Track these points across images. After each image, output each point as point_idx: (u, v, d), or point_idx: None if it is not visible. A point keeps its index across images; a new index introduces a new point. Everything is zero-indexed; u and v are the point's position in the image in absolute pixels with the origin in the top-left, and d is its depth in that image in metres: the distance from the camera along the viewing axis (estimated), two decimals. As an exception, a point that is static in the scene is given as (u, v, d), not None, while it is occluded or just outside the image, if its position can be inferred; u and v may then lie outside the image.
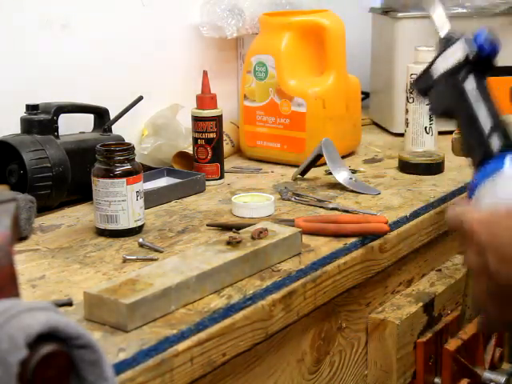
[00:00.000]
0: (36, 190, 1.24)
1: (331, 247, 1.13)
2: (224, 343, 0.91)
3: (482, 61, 0.93)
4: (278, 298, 1.00)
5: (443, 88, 0.96)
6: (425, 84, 0.99)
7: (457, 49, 0.94)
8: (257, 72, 1.59)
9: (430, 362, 1.26)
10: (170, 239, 1.16)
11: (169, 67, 1.66)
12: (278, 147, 1.59)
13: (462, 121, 0.95)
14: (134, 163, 1.18)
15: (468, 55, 0.93)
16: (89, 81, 1.48)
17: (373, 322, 1.22)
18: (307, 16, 1.60)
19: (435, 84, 0.97)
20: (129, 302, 0.86)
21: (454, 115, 0.96)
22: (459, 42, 0.95)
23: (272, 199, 1.28)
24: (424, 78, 0.99)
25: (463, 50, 0.94)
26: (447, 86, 0.95)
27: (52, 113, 1.31)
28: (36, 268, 1.06)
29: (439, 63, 0.96)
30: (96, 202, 1.17)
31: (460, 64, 0.94)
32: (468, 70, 0.93)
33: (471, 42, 0.94)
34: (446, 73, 0.95)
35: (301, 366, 1.11)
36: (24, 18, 1.38)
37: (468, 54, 0.93)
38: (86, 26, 1.48)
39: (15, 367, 0.63)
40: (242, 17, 1.67)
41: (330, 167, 1.42)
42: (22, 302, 0.68)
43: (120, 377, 0.79)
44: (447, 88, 0.95)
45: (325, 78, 1.57)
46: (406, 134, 1.67)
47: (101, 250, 1.12)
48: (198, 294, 0.94)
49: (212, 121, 1.45)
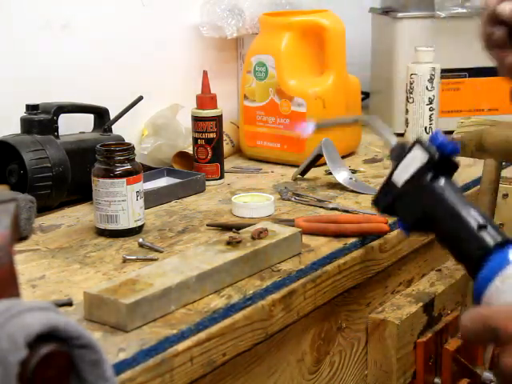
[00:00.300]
0: (36, 190, 1.24)
1: (331, 247, 1.13)
2: (224, 343, 0.91)
3: (446, 160, 0.90)
4: (278, 297, 1.00)
5: (412, 195, 0.90)
6: (389, 199, 0.93)
7: (415, 154, 0.91)
8: (257, 72, 1.59)
9: (430, 362, 1.26)
10: (170, 239, 1.16)
11: (169, 67, 1.66)
12: (278, 147, 1.59)
13: (445, 224, 0.88)
14: (134, 163, 1.18)
15: (431, 156, 0.89)
16: (89, 81, 1.48)
17: (373, 322, 1.22)
18: (307, 16, 1.60)
19: (401, 195, 0.91)
20: (129, 302, 0.86)
21: (431, 223, 0.90)
22: (416, 148, 0.91)
23: (272, 199, 1.28)
24: (385, 192, 0.94)
25: (423, 153, 0.90)
26: (417, 192, 0.90)
27: (52, 113, 1.31)
28: (36, 268, 1.06)
29: (399, 173, 0.92)
30: (96, 202, 1.17)
31: (424, 167, 0.89)
32: (434, 171, 0.89)
33: (428, 144, 0.90)
34: (411, 179, 0.90)
35: (301, 365, 1.11)
36: (24, 18, 1.38)
37: (431, 155, 0.89)
38: (86, 26, 1.48)
39: (15, 367, 0.63)
40: (241, 17, 1.67)
41: (330, 167, 1.42)
42: (22, 302, 0.68)
43: (120, 377, 0.79)
44: (417, 194, 0.90)
45: (325, 78, 1.57)
46: (406, 134, 1.67)
47: (101, 250, 1.12)
48: (198, 294, 0.94)
49: (212, 121, 1.45)
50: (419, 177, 0.90)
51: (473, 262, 0.84)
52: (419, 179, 0.90)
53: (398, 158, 0.93)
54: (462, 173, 1.51)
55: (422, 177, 0.89)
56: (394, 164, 0.93)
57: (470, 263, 0.85)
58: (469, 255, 0.85)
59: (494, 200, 1.37)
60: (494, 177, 1.36)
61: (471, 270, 0.85)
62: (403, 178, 0.91)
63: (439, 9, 1.78)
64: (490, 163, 1.36)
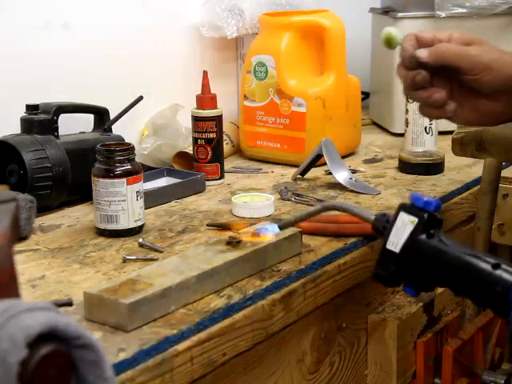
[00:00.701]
0: (36, 190, 1.24)
1: (331, 247, 1.13)
2: (224, 343, 0.91)
3: (433, 217, 0.92)
4: (278, 297, 0.99)
5: (414, 257, 0.92)
6: (390, 267, 0.94)
7: (403, 219, 0.93)
8: (257, 72, 1.59)
9: (430, 362, 1.26)
10: (170, 239, 1.16)
11: (169, 67, 1.67)
12: (278, 147, 1.59)
13: (457, 275, 0.90)
14: (134, 163, 1.18)
15: (421, 217, 0.92)
16: (89, 81, 1.48)
17: (373, 322, 1.22)
18: (307, 16, 1.60)
19: (402, 259, 0.93)
20: (129, 302, 0.86)
21: (440, 278, 0.92)
22: (402, 213, 0.93)
23: (272, 199, 1.28)
24: (384, 264, 0.94)
25: (410, 216, 0.93)
26: (418, 253, 0.92)
27: (52, 113, 1.31)
28: (36, 268, 1.06)
29: (393, 239, 0.93)
30: (96, 202, 1.17)
31: (416, 229, 0.92)
32: (427, 229, 0.92)
33: (412, 206, 0.93)
34: (407, 243, 0.92)
35: (301, 366, 1.11)
36: (24, 18, 1.38)
37: (420, 216, 0.92)
38: (86, 26, 1.48)
39: (15, 367, 0.63)
40: (241, 17, 1.67)
41: (330, 167, 1.42)
42: (22, 302, 0.68)
43: (120, 377, 0.79)
44: (419, 255, 0.92)
45: (325, 78, 1.57)
46: (406, 134, 1.67)
47: (101, 250, 1.12)
48: (198, 294, 0.94)
49: (212, 121, 1.45)
50: (415, 238, 0.92)
51: (497, 302, 0.86)
52: (415, 241, 0.92)
53: (385, 227, 0.96)
54: (462, 173, 1.51)
55: (418, 238, 0.92)
56: (385, 235, 0.95)
57: (495, 304, 0.87)
58: (491, 297, 0.87)
59: (493, 200, 1.37)
60: (493, 177, 1.36)
61: (498, 311, 0.87)
62: (400, 243, 0.93)
63: (439, 9, 1.78)
64: (490, 163, 1.36)
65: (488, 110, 1.05)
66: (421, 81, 1.03)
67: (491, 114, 1.06)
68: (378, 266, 0.96)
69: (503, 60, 1.02)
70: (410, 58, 1.03)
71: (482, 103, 1.05)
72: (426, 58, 1.02)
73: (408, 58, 1.03)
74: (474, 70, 1.02)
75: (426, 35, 1.05)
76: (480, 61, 1.01)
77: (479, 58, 1.02)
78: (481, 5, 1.78)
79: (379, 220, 0.98)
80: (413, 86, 1.04)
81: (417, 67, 1.03)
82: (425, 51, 1.02)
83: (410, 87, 1.05)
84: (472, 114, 1.07)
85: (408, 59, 1.03)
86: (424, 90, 1.04)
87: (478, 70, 1.01)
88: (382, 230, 0.96)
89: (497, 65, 1.01)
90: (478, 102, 1.05)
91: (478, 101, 1.05)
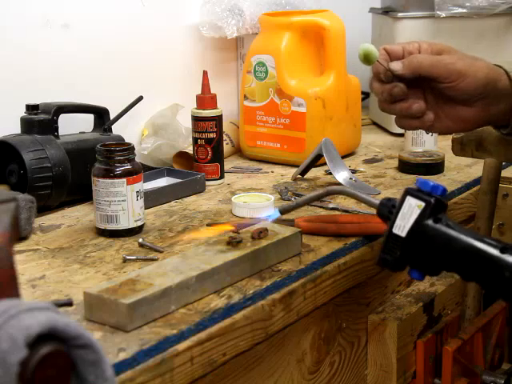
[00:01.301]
0: (36, 190, 1.24)
1: (331, 247, 1.13)
2: (224, 343, 0.91)
3: (439, 202, 0.92)
4: (278, 297, 1.00)
5: (421, 242, 0.92)
6: (396, 252, 0.94)
7: (410, 203, 0.93)
8: (257, 72, 1.59)
9: (430, 362, 1.26)
10: (170, 239, 1.16)
11: (169, 67, 1.66)
12: (278, 147, 1.59)
13: (464, 259, 0.90)
14: (134, 163, 1.18)
15: (428, 201, 0.92)
16: (89, 81, 1.48)
17: (373, 322, 1.22)
18: (307, 16, 1.60)
19: (408, 244, 0.93)
20: (129, 302, 0.86)
21: (446, 263, 0.92)
22: (408, 198, 0.93)
23: (272, 199, 1.28)
24: (390, 248, 0.94)
25: (418, 200, 0.92)
26: (424, 238, 0.92)
27: (52, 113, 1.31)
28: (36, 268, 1.06)
29: (400, 224, 0.93)
30: (96, 202, 1.17)
31: (423, 213, 0.92)
32: (434, 213, 0.92)
33: (418, 190, 0.93)
34: (414, 227, 0.92)
35: (301, 366, 1.11)
36: (24, 18, 1.38)
37: (427, 200, 0.92)
38: (86, 26, 1.48)
39: (15, 367, 0.63)
40: (241, 17, 1.67)
41: (330, 167, 1.42)
42: (22, 302, 0.68)
43: (120, 377, 0.79)
44: (425, 239, 0.92)
45: (325, 78, 1.57)
46: (406, 134, 1.67)
47: (101, 250, 1.12)
48: (198, 294, 0.94)
49: (212, 121, 1.45)
50: (421, 223, 0.92)
51: (505, 287, 0.86)
52: (422, 225, 0.92)
53: (391, 212, 0.95)
54: (462, 173, 1.51)
55: (425, 222, 0.92)
56: (391, 220, 0.94)
57: (503, 290, 0.87)
58: (498, 282, 0.87)
59: (493, 200, 1.37)
60: (493, 177, 1.36)
61: (506, 297, 0.88)
62: (406, 227, 0.93)
63: (439, 9, 1.78)
64: (490, 163, 1.36)
65: (464, 116, 1.06)
66: (398, 93, 1.04)
67: (468, 120, 1.07)
68: (383, 251, 0.95)
69: (476, 65, 1.04)
70: (384, 71, 1.04)
71: (457, 110, 1.06)
72: (401, 70, 1.03)
73: (383, 71, 1.05)
74: (449, 77, 1.03)
75: (395, 48, 1.07)
76: (454, 68, 1.03)
77: (453, 65, 1.03)
78: (481, 5, 1.78)
79: (384, 204, 0.97)
80: (390, 99, 1.05)
81: (392, 80, 1.04)
82: (399, 64, 1.04)
83: (388, 101, 1.06)
84: (449, 121, 1.08)
85: (383, 73, 1.05)
86: (402, 102, 1.05)
87: (453, 77, 1.03)
88: (388, 215, 0.96)
89: (470, 71, 1.03)
90: (454, 110, 1.06)
91: (453, 108, 1.06)
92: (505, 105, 1.05)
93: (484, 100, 1.05)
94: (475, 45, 1.81)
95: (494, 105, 1.05)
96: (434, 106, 1.07)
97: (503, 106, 1.06)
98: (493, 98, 1.04)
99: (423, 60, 1.04)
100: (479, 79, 1.03)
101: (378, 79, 1.06)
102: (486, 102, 1.05)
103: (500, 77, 1.05)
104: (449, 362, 1.24)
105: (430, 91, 1.07)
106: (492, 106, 1.05)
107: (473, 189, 1.45)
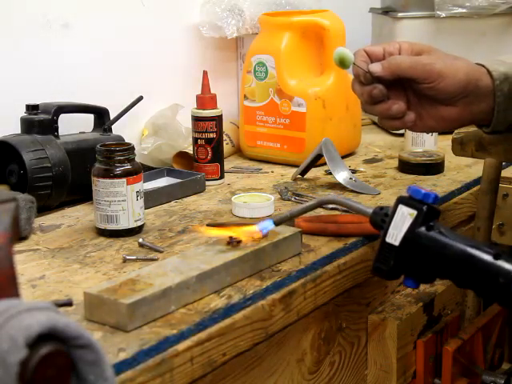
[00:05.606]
0: (36, 190, 1.24)
1: (331, 247, 1.13)
2: (224, 343, 0.91)
3: (431, 209, 0.92)
4: (278, 297, 1.00)
5: (414, 250, 0.92)
6: (390, 261, 0.93)
7: (401, 212, 0.93)
8: (257, 72, 1.59)
9: (430, 362, 1.26)
10: (170, 239, 1.16)
11: (169, 67, 1.67)
12: (278, 147, 1.59)
13: (458, 266, 0.90)
14: (134, 163, 1.18)
15: (420, 209, 0.92)
16: (89, 81, 1.48)
17: (373, 322, 1.22)
18: (307, 16, 1.60)
19: (402, 252, 0.92)
20: (129, 302, 0.86)
21: (440, 270, 0.92)
22: (400, 206, 0.93)
23: (272, 199, 1.28)
24: (384, 257, 0.94)
25: (410, 208, 0.92)
26: (418, 246, 0.91)
27: (52, 113, 1.31)
28: (36, 268, 1.06)
29: (393, 232, 0.93)
30: (96, 202, 1.17)
31: (416, 221, 0.92)
32: (426, 221, 0.92)
33: (410, 199, 0.93)
34: (407, 235, 0.92)
35: (301, 366, 1.11)
36: (24, 18, 1.38)
37: (419, 208, 0.92)
38: (86, 26, 1.48)
39: (15, 367, 0.63)
40: (241, 17, 1.67)
41: (330, 167, 1.42)
42: (22, 302, 0.68)
43: (120, 377, 0.79)
44: (419, 247, 0.91)
45: (325, 78, 1.57)
46: (406, 134, 1.67)
47: (101, 250, 1.12)
48: (198, 294, 0.94)
49: (212, 121, 1.45)
50: (414, 231, 0.92)
51: (500, 293, 0.86)
52: (415, 233, 0.92)
53: (383, 220, 0.95)
54: (462, 173, 1.51)
55: (417, 230, 0.92)
56: (384, 228, 0.94)
57: (498, 296, 0.87)
58: (493, 288, 0.87)
59: (493, 200, 1.37)
60: (494, 177, 1.37)
61: (502, 302, 0.88)
62: (399, 235, 0.93)
63: (439, 9, 1.78)
64: (490, 163, 1.36)
65: (446, 115, 1.07)
66: (378, 95, 1.05)
67: (450, 120, 1.07)
68: (377, 260, 0.95)
69: (455, 65, 1.04)
70: (364, 73, 1.05)
71: (439, 110, 1.06)
72: (381, 72, 1.04)
73: (362, 73, 1.05)
74: (429, 78, 1.03)
75: (375, 49, 1.07)
76: (433, 69, 1.03)
77: (432, 66, 1.03)
78: (481, 5, 1.78)
79: (377, 213, 0.97)
80: (370, 100, 1.06)
81: (372, 82, 1.05)
82: (378, 65, 1.04)
83: (368, 102, 1.07)
84: (431, 121, 1.08)
85: (362, 75, 1.05)
86: (382, 104, 1.06)
87: (432, 78, 1.03)
88: (381, 224, 0.96)
89: (450, 71, 1.03)
90: (436, 109, 1.07)
91: (435, 108, 1.07)
92: (486, 104, 1.05)
93: (465, 99, 1.05)
94: (475, 45, 1.81)
95: (476, 104, 1.05)
96: (417, 105, 1.08)
97: (485, 105, 1.06)
98: (474, 97, 1.04)
99: (402, 61, 1.04)
100: (459, 79, 1.03)
101: (358, 81, 1.07)
102: (468, 101, 1.05)
103: (481, 76, 1.05)
104: (449, 361, 1.24)
105: (411, 91, 1.07)
106: (473, 105, 1.05)
107: (473, 189, 1.45)
